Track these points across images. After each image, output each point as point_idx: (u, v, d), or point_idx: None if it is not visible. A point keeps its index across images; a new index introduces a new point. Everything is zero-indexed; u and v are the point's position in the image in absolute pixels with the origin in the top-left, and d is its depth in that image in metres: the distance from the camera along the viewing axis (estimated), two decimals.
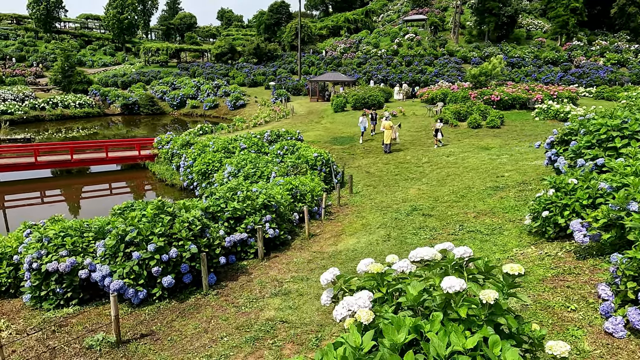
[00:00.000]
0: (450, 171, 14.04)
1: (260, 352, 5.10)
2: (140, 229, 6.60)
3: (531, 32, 57.49)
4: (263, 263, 8.02)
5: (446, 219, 8.99)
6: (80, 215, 16.03)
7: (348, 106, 30.57)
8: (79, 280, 6.62)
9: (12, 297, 7.38)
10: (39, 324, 6.23)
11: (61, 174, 21.00)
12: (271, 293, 6.69)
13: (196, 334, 5.70)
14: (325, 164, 13.73)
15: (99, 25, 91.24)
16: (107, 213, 9.62)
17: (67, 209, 17.27)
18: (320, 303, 6.09)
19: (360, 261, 3.48)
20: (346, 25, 67.45)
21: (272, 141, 18.39)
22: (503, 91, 26.42)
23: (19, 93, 40.59)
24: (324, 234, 9.50)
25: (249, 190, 8.73)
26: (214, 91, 46.05)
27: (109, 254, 6.69)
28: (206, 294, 6.82)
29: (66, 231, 7.00)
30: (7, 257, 7.41)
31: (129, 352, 5.37)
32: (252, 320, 5.91)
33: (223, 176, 14.04)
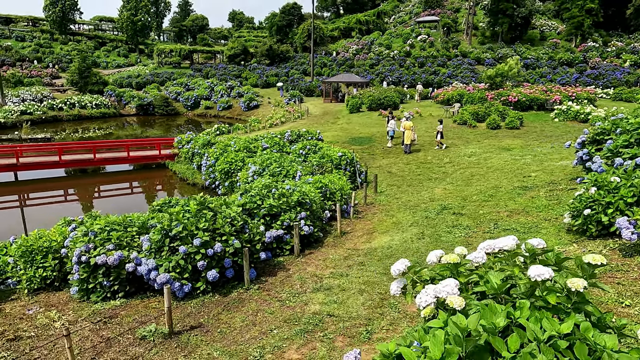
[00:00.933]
0: (474, 171, 14.04)
1: (313, 344, 5.20)
2: (185, 224, 6.74)
3: (545, 33, 57.10)
4: (299, 259, 8.12)
5: (478, 218, 9.02)
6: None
7: (363, 107, 30.64)
8: (125, 273, 6.77)
9: (57, 290, 7.57)
10: (89, 315, 6.39)
11: (75, 174, 21.18)
12: (313, 288, 6.79)
13: (245, 327, 5.81)
14: (350, 164, 13.81)
15: (112, 27, 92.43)
16: (131, 210, 9.79)
17: (93, 206, 17.55)
18: (364, 298, 6.18)
19: (431, 252, 3.55)
20: (358, 26, 67.52)
21: (292, 141, 18.52)
22: (520, 92, 26.31)
23: (37, 94, 41.28)
24: (355, 232, 9.59)
25: (283, 188, 8.85)
26: (227, 92, 46.39)
27: (154, 248, 6.83)
28: (248, 289, 6.93)
29: (111, 226, 7.17)
30: (53, 251, 7.60)
31: (181, 343, 5.50)
32: (298, 314, 6.01)
33: (247, 175, 14.18)
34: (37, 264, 7.51)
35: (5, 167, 18.72)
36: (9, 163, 18.73)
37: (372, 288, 6.53)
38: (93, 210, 9.59)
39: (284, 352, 5.10)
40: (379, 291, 6.40)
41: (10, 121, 34.14)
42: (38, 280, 7.45)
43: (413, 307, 5.82)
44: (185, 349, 5.37)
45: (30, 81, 49.95)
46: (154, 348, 5.40)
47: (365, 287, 6.57)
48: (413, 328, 3.08)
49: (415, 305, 5.65)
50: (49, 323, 6.20)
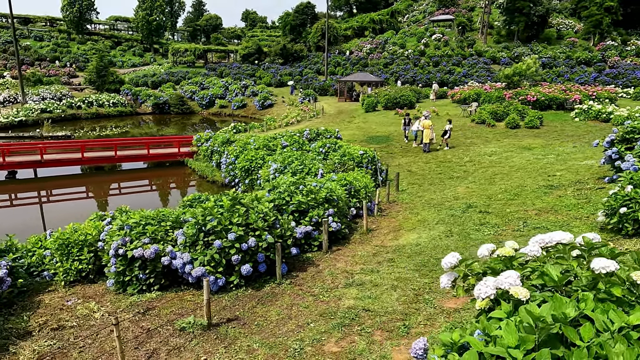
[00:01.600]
0: (496, 170, 13.96)
1: (351, 338, 5.26)
2: (220, 219, 6.85)
3: (562, 31, 56.33)
4: (328, 255, 8.19)
5: (506, 216, 8.98)
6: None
7: (379, 106, 30.60)
8: (161, 266, 6.91)
9: (92, 283, 7.74)
10: (127, 307, 6.54)
11: (91, 172, 21.36)
12: (345, 284, 6.85)
13: (281, 320, 5.89)
14: (371, 162, 13.84)
15: (127, 26, 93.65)
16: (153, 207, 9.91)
17: (108, 204, 17.86)
18: (397, 294, 6.22)
19: (482, 246, 3.56)
20: (371, 25, 67.36)
21: (311, 139, 18.59)
22: (539, 91, 26.02)
23: (56, 92, 42.04)
24: (381, 229, 9.62)
25: (310, 185, 8.92)
26: (242, 91, 46.68)
27: (189, 242, 6.96)
28: (280, 283, 7.02)
29: (146, 220, 7.31)
30: (88, 244, 7.78)
31: (220, 334, 5.60)
32: (332, 308, 6.08)
33: (269, 173, 14.28)
34: (73, 257, 7.69)
35: (30, 163, 19.13)
36: (33, 160, 19.14)
37: (405, 284, 6.56)
38: (122, 205, 9.78)
39: (323, 345, 5.17)
40: (412, 287, 6.44)
41: (31, 119, 34.83)
42: (74, 272, 7.63)
43: (449, 303, 5.84)
44: (224, 340, 5.47)
45: (49, 80, 50.89)
46: (194, 339, 5.51)
47: (397, 283, 6.60)
48: (473, 319, 3.14)
49: (455, 300, 5.66)
50: (89, 314, 6.36)
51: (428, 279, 6.66)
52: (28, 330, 5.89)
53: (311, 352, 5.04)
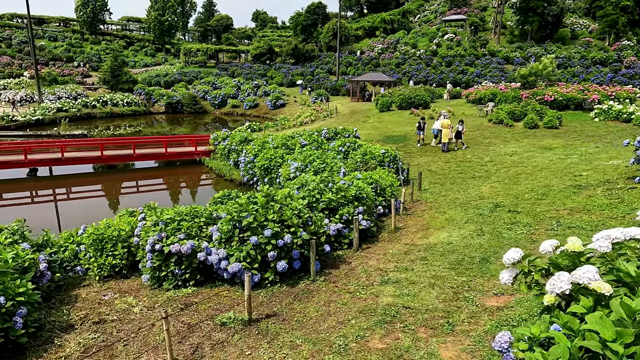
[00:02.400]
0: (519, 170, 13.84)
1: (395, 335, 5.24)
2: (255, 215, 6.87)
3: (576, 31, 55.73)
4: (359, 253, 8.17)
5: (537, 216, 8.90)
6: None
7: (393, 106, 30.50)
8: (197, 262, 6.94)
9: (125, 278, 7.81)
10: (165, 302, 6.58)
11: (104, 170, 21.54)
12: (380, 281, 6.83)
13: (320, 317, 5.89)
14: (393, 161, 13.79)
15: (139, 27, 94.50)
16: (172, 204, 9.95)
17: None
18: (436, 292, 6.18)
19: (544, 242, 3.53)
20: (382, 25, 67.23)
21: (329, 138, 18.59)
22: (557, 91, 25.75)
23: (72, 91, 42.53)
24: (408, 228, 9.58)
25: (339, 182, 8.91)
26: (254, 91, 46.84)
27: (224, 238, 6.98)
28: (314, 280, 7.01)
29: (181, 216, 7.36)
30: (121, 240, 7.85)
31: (261, 330, 5.61)
32: (371, 305, 6.06)
33: (289, 171, 14.30)
34: (107, 252, 7.77)
35: (51, 161, 19.37)
36: (54, 157, 19.37)
37: (443, 282, 6.52)
38: (152, 202, 9.85)
39: (367, 341, 5.15)
40: (449, 285, 6.40)
41: (47, 118, 35.25)
42: (108, 267, 7.70)
43: (490, 301, 5.79)
44: (266, 336, 5.47)
45: (64, 80, 51.51)
46: (236, 334, 5.53)
47: (435, 281, 6.57)
48: (550, 315, 3.10)
49: (497, 299, 5.59)
50: (128, 308, 6.42)
51: (465, 277, 6.61)
52: (70, 324, 5.96)
53: (356, 348, 5.03)
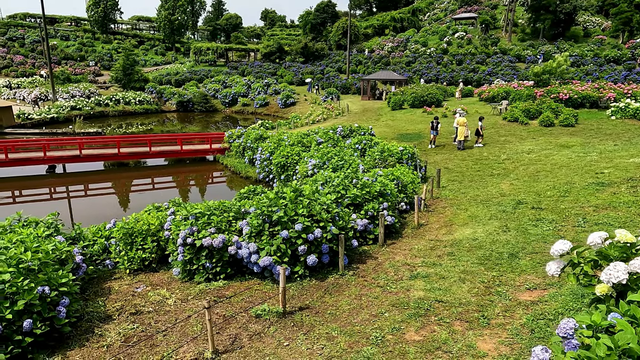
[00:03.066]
0: (538, 168, 13.78)
1: (431, 327, 5.29)
2: (285, 210, 6.95)
3: (588, 29, 55.12)
4: (384, 249, 8.22)
5: (562, 213, 8.88)
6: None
7: (405, 104, 30.44)
8: (228, 256, 7.04)
9: (154, 271, 7.93)
10: (197, 294, 6.69)
11: (117, 168, 21.87)
12: (409, 276, 6.87)
13: (353, 310, 5.95)
14: (411, 158, 13.81)
15: (149, 26, 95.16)
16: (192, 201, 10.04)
17: (152, 198, 18.21)
18: (467, 286, 6.21)
19: (592, 234, 3.56)
20: (392, 24, 67.04)
21: (345, 136, 18.64)
22: (572, 89, 25.54)
23: (85, 90, 43.00)
24: (431, 224, 9.61)
25: (363, 178, 8.96)
26: (264, 89, 46.98)
27: (254, 232, 7.07)
28: (343, 274, 7.08)
29: (211, 210, 7.46)
30: (151, 234, 7.98)
31: (296, 322, 5.69)
32: (403, 299, 6.11)
33: (307, 168, 14.37)
34: (137, 246, 7.90)
35: (70, 158, 19.63)
36: (72, 154, 19.64)
37: (473, 277, 6.55)
38: (176, 198, 9.99)
39: (403, 333, 5.21)
40: (480, 280, 6.43)
41: (62, 116, 35.69)
42: (138, 261, 7.83)
43: (523, 296, 5.82)
44: (301, 327, 5.55)
45: (76, 78, 52.08)
46: (271, 326, 5.61)
47: (465, 276, 6.60)
48: (606, 304, 3.14)
49: (530, 293, 5.63)
50: (162, 300, 6.53)
51: (495, 272, 6.63)
52: (108, 315, 6.08)
53: (393, 340, 5.09)
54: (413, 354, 4.76)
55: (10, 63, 59.39)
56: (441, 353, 4.74)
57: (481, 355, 4.63)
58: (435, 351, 4.78)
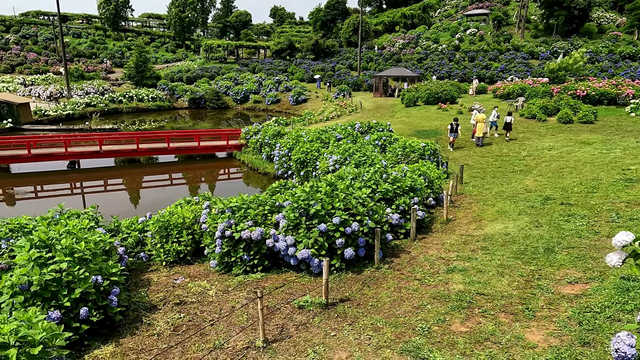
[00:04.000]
0: (561, 164, 13.72)
1: (475, 319, 5.34)
2: (323, 203, 7.02)
3: (602, 25, 54.45)
4: (416, 243, 8.27)
5: (593, 209, 8.86)
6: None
7: (420, 101, 30.36)
8: (266, 248, 7.14)
9: (189, 264, 8.06)
10: (237, 286, 6.79)
11: (123, 164, 21.93)
12: (445, 269, 6.92)
13: (394, 302, 6.02)
14: (433, 154, 13.82)
15: (158, 23, 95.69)
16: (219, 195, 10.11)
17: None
18: (506, 280, 6.24)
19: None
20: (402, 20, 66.75)
21: (363, 132, 18.67)
22: (589, 86, 25.31)
23: (99, 87, 43.40)
24: (459, 219, 9.64)
25: (392, 173, 9.00)
26: (275, 86, 47.09)
27: (292, 225, 7.16)
28: (379, 268, 7.15)
29: (247, 204, 7.56)
30: (186, 227, 8.10)
31: (339, 313, 5.77)
32: (443, 292, 6.16)
33: (328, 164, 14.44)
34: (172, 239, 8.03)
35: (90, 154, 19.89)
36: (93, 150, 19.89)
37: (511, 271, 6.59)
38: (206, 192, 10.12)
39: (449, 325, 5.27)
40: (519, 274, 6.46)
41: (77, 113, 36.09)
42: (174, 254, 7.96)
43: (565, 289, 5.84)
44: (346, 318, 5.63)
45: (89, 75, 52.56)
46: (316, 317, 5.70)
47: (502, 270, 6.63)
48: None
49: (572, 287, 5.65)
50: (204, 291, 6.65)
51: (533, 266, 6.66)
52: (153, 304, 6.21)
53: (439, 331, 5.15)
54: (462, 345, 4.82)
55: (24, 60, 60.06)
56: (490, 344, 4.80)
57: (531, 346, 4.67)
58: (484, 342, 4.84)
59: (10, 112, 29.08)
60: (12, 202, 16.45)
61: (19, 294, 4.71)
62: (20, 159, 18.95)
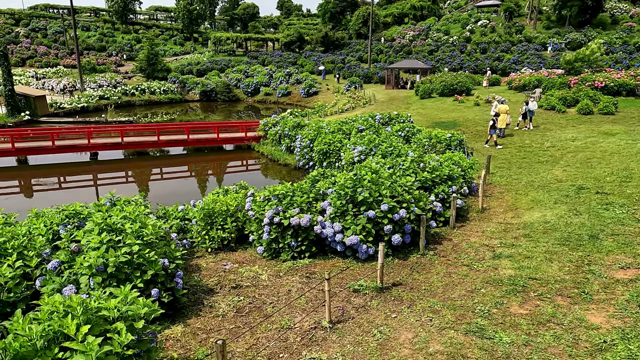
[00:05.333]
0: (588, 155, 13.73)
1: (533, 302, 5.46)
2: (370, 191, 7.14)
3: (616, 16, 53.78)
4: (455, 231, 8.38)
5: (630, 197, 8.92)
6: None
7: (434, 93, 30.29)
8: (314, 235, 7.28)
9: (232, 250, 8.21)
10: (288, 270, 6.94)
11: (132, 157, 22.16)
12: (491, 256, 7.03)
13: (447, 286, 6.14)
14: (459, 145, 13.87)
15: (166, 16, 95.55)
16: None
17: (203, 184, 18.58)
18: (556, 265, 6.33)
19: None
20: (412, 12, 66.28)
21: (384, 123, 18.71)
22: (607, 77, 25.14)
23: (111, 80, 43.59)
24: (494, 208, 9.72)
25: (428, 162, 9.09)
26: (286, 79, 47.04)
27: (339, 213, 7.28)
28: (424, 254, 7.27)
29: (293, 192, 7.69)
30: (230, 214, 8.25)
31: (395, 296, 5.90)
32: (493, 277, 6.28)
33: (353, 155, 14.53)
34: (217, 226, 8.19)
35: (112, 145, 20.10)
36: (115, 142, 20.09)
37: (559, 257, 6.68)
38: (242, 181, 10.27)
39: (507, 307, 5.39)
40: (567, 260, 6.56)
41: (91, 105, 36.33)
42: (218, 240, 8.12)
43: (618, 274, 5.94)
44: (403, 301, 5.77)
45: (101, 68, 52.76)
46: (373, 300, 5.84)
47: (550, 256, 6.73)
48: None
49: (624, 272, 5.74)
50: (256, 275, 6.80)
51: (580, 252, 6.75)
52: (210, 288, 6.38)
53: (499, 313, 5.28)
54: (525, 326, 4.94)
55: (34, 54, 60.36)
56: (553, 325, 4.92)
57: (595, 327, 4.79)
58: (547, 323, 4.96)
59: (28, 105, 29.34)
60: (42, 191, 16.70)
61: (96, 275, 4.88)
62: (44, 150, 19.19)
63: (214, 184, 18.53)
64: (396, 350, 4.66)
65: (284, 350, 4.72)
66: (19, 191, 17.70)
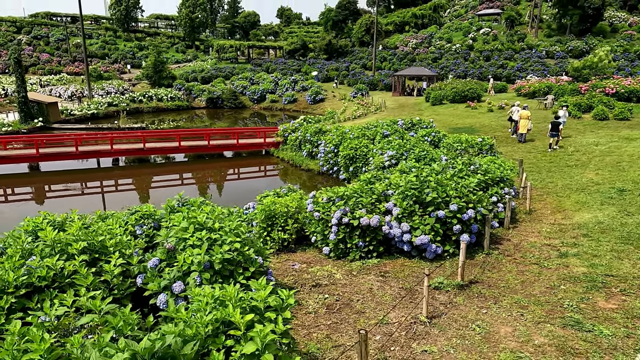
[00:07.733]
0: (616, 158, 14.01)
1: (618, 297, 5.61)
2: (438, 191, 7.29)
3: (615, 24, 54.86)
4: (511, 232, 8.55)
5: None
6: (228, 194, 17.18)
7: (445, 100, 30.65)
8: (382, 235, 7.40)
9: (292, 252, 8.31)
10: (360, 270, 7.05)
11: (134, 164, 22.32)
12: (557, 255, 7.19)
13: (524, 283, 6.28)
14: (490, 149, 14.10)
15: (167, 24, 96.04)
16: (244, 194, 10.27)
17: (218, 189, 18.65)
18: (628, 263, 6.50)
19: None
20: (413, 20, 67.13)
21: (407, 129, 18.94)
22: (618, 84, 25.63)
23: (118, 87, 43.65)
24: (539, 210, 9.91)
25: (478, 164, 9.28)
26: (291, 86, 47.36)
27: (405, 213, 7.43)
28: (489, 254, 7.42)
29: (359, 193, 7.82)
30: (289, 216, 8.36)
31: (477, 294, 6.03)
32: (567, 274, 6.43)
33: (383, 159, 14.71)
34: (277, 228, 8.29)
35: (134, 151, 20.14)
36: (137, 148, 20.14)
37: (627, 255, 6.86)
38: (289, 185, 10.38)
39: (595, 302, 5.54)
40: (637, 257, 6.73)
41: (101, 112, 36.33)
42: (279, 242, 8.23)
43: None
44: (487, 298, 5.89)
45: (106, 75, 52.81)
46: (456, 296, 5.97)
47: (617, 254, 6.91)
48: None
49: None
50: (330, 274, 6.91)
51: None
52: (290, 287, 6.46)
53: (588, 308, 5.42)
54: (621, 319, 5.09)
55: (37, 61, 60.31)
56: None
57: None
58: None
59: (41, 111, 29.33)
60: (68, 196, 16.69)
61: (204, 272, 4.97)
62: (68, 156, 19.19)
63: (239, 188, 18.62)
64: (502, 342, 4.79)
65: (393, 343, 4.82)
66: (50, 196, 17.66)
